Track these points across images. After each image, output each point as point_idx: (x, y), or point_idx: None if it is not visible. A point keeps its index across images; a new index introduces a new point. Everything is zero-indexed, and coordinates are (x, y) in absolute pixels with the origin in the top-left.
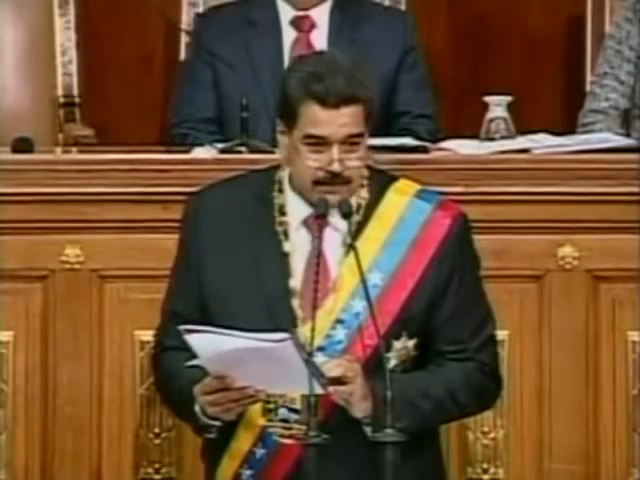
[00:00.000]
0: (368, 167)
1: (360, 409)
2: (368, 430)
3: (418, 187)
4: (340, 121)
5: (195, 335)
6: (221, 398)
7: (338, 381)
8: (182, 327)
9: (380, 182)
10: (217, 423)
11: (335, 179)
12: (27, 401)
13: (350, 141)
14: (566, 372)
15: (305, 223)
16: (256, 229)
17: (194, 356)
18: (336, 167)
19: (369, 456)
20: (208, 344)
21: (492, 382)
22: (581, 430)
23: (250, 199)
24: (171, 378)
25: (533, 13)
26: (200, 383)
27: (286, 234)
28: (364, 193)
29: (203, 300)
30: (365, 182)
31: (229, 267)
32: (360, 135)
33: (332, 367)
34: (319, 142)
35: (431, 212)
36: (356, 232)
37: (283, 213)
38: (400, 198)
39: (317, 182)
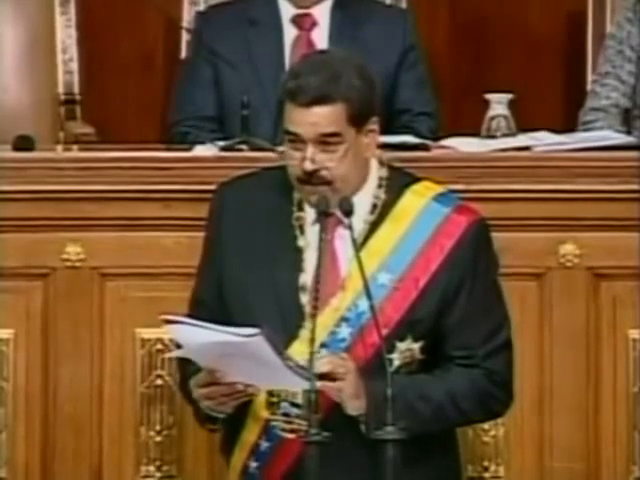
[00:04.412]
0: (388, 167)
1: (352, 407)
2: (362, 428)
3: (438, 190)
4: (311, 120)
5: (175, 326)
6: (213, 392)
7: (328, 377)
8: (163, 317)
9: (399, 183)
10: (219, 415)
11: (312, 178)
12: (27, 399)
13: (325, 141)
14: (567, 370)
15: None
16: (274, 223)
17: None
18: (307, 165)
19: (370, 454)
20: (188, 335)
21: (500, 390)
22: (582, 428)
23: (272, 193)
24: (184, 366)
25: (534, 11)
26: (195, 376)
27: (302, 229)
28: (381, 193)
29: (222, 293)
30: (383, 182)
31: (247, 260)
32: (336, 135)
33: (322, 363)
34: (296, 139)
35: (447, 215)
36: (370, 231)
37: (301, 208)
38: (417, 200)
39: (300, 180)
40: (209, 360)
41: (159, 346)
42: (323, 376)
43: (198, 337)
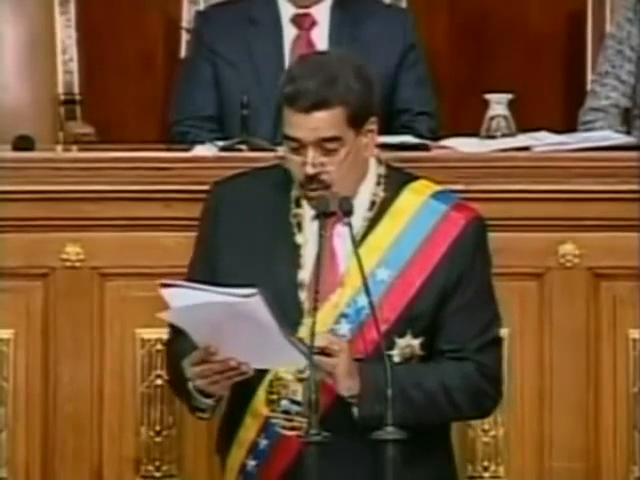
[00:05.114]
0: (387, 165)
1: (345, 386)
2: (355, 412)
3: (436, 188)
4: (310, 125)
5: (170, 289)
6: (206, 370)
7: (323, 353)
8: (158, 281)
9: (397, 181)
10: (209, 402)
11: (313, 182)
12: (28, 399)
13: (325, 145)
14: (567, 370)
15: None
16: (272, 220)
17: None
18: (308, 169)
19: (370, 454)
20: (184, 299)
21: (491, 386)
22: (581, 428)
23: (269, 190)
24: (177, 358)
25: (533, 10)
26: (189, 356)
27: (300, 226)
28: (380, 191)
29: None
30: (382, 180)
31: (245, 258)
32: (336, 139)
33: (318, 338)
34: (296, 143)
35: (445, 212)
36: (368, 228)
37: (299, 205)
38: (415, 197)
39: (301, 184)
40: (201, 330)
41: (159, 346)
42: (318, 353)
43: (193, 300)
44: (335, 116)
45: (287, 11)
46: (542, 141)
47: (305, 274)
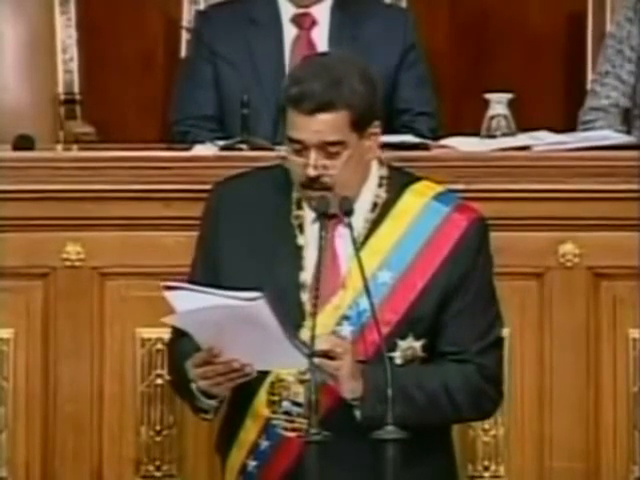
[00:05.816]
0: (388, 166)
1: (348, 388)
2: (357, 415)
3: (438, 189)
4: (314, 127)
5: (174, 292)
6: (210, 371)
7: (326, 356)
8: (162, 283)
9: (399, 182)
10: (213, 403)
11: (314, 184)
12: (28, 399)
13: (328, 148)
14: (567, 369)
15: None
16: (273, 221)
17: None
18: (310, 172)
19: (370, 454)
20: (187, 301)
21: (492, 387)
22: (582, 427)
23: (269, 192)
24: (180, 359)
25: (534, 10)
26: (192, 357)
27: (301, 227)
28: (382, 192)
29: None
30: (384, 181)
31: (246, 259)
32: (339, 143)
33: (321, 341)
34: (299, 145)
35: (447, 214)
36: (370, 230)
37: (300, 207)
38: (417, 199)
39: (302, 185)
40: (205, 332)
41: (159, 346)
42: (321, 356)
43: (198, 302)
44: (339, 119)
45: (287, 11)
46: (542, 140)
47: (307, 276)
